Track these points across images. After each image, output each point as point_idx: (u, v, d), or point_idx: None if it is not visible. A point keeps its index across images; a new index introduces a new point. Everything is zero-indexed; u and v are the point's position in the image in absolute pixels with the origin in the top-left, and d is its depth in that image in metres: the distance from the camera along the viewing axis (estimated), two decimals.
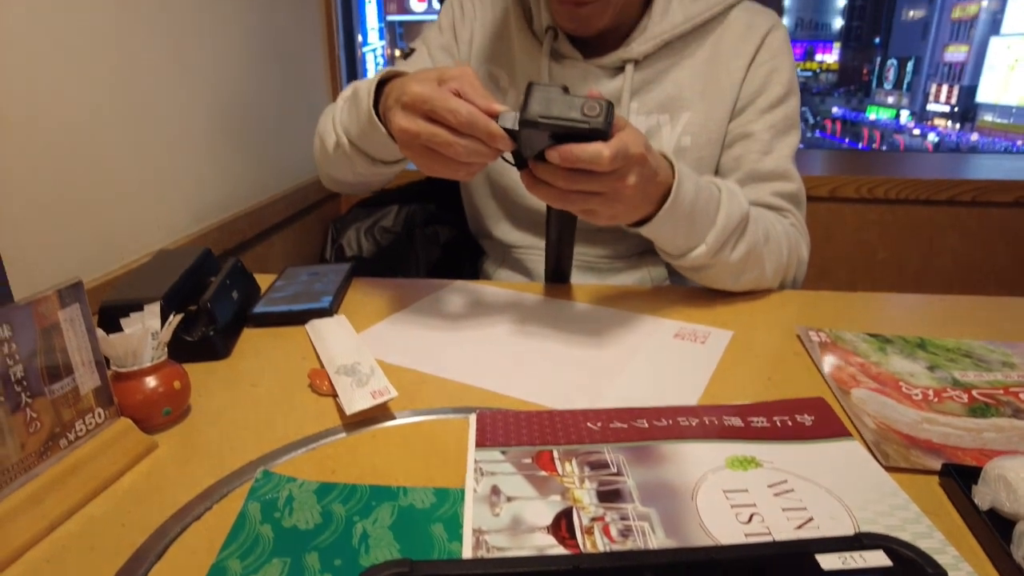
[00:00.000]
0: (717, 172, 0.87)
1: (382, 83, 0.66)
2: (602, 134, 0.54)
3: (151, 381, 0.51)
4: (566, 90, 0.55)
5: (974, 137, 23.24)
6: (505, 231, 0.95)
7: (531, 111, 0.53)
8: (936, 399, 0.55)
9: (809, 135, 27.75)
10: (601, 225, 0.67)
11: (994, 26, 25.36)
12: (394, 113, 0.58)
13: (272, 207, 1.16)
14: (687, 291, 0.81)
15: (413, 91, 0.56)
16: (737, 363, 0.62)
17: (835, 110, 31.02)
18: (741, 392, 0.57)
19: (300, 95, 1.29)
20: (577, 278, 0.93)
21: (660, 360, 0.62)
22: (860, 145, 25.05)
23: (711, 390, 0.57)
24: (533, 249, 0.93)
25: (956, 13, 28.43)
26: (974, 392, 0.56)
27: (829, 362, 0.62)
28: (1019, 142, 21.46)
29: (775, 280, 0.79)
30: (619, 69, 0.84)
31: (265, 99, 1.15)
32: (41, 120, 0.69)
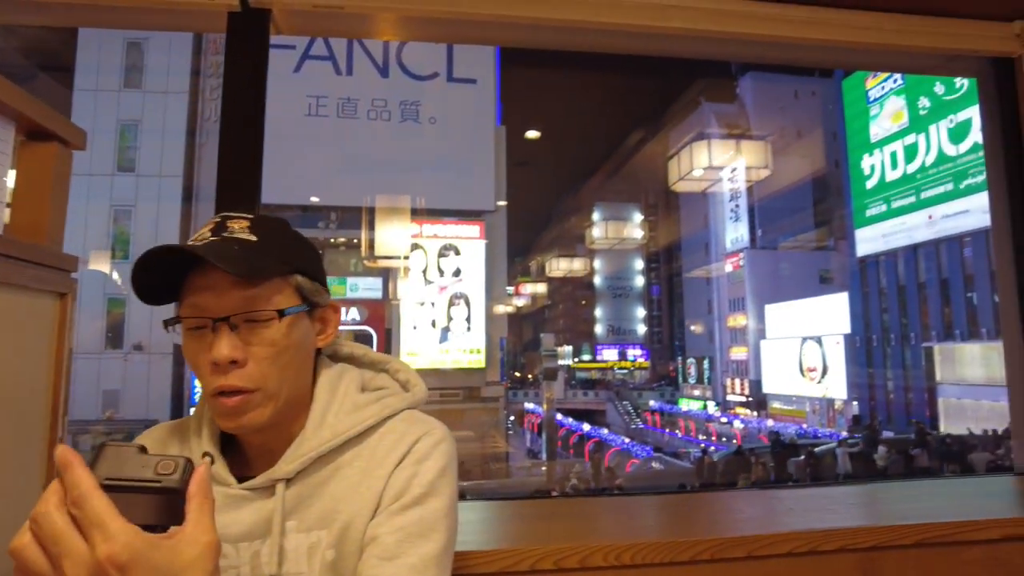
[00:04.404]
0: None
1: None
2: (175, 492, 0.51)
3: None
4: (143, 450, 0.52)
5: (770, 422, 26.50)
6: None
7: (97, 473, 0.50)
8: None
9: (632, 426, 30.08)
10: None
11: (761, 332, 31.01)
12: None
13: None
14: None
15: None
16: None
17: (652, 403, 34.38)
18: None
19: None
20: None
21: None
22: (679, 435, 27.41)
23: None
24: None
25: (730, 323, 34.62)
26: None
27: None
28: (804, 425, 24.77)
29: None
30: (272, 490, 0.80)
31: None
32: None
